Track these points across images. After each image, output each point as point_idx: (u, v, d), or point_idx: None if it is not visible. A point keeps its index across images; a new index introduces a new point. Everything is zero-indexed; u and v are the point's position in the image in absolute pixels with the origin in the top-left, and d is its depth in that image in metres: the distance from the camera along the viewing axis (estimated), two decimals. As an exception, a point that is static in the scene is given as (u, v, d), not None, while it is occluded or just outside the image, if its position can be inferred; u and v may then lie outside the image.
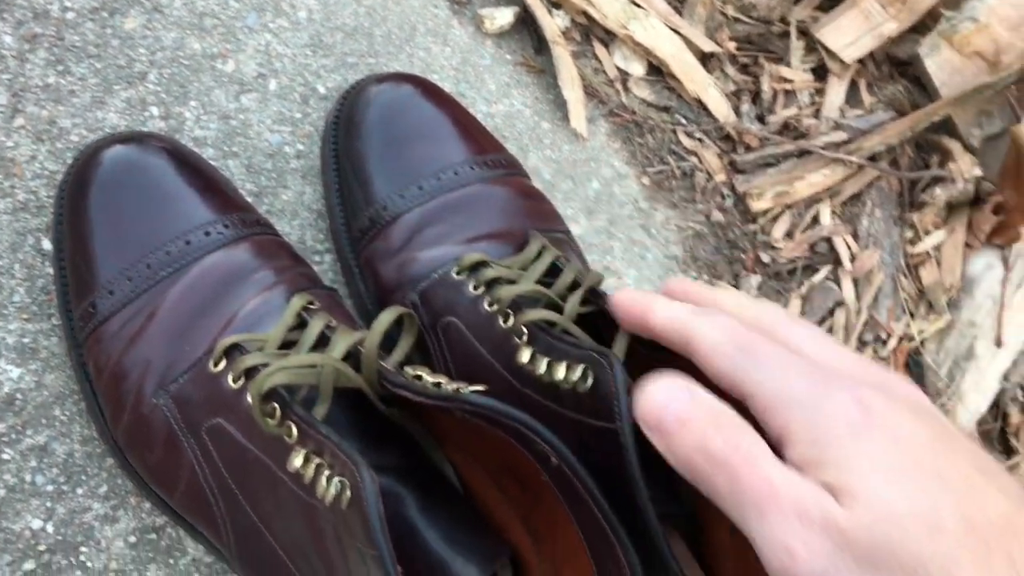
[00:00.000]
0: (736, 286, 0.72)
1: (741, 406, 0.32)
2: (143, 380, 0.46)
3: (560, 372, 0.44)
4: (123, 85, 0.58)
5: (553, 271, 0.51)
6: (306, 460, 0.39)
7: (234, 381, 0.44)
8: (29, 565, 0.48)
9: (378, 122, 0.57)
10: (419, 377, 0.42)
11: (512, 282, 0.50)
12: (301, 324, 0.46)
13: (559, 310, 0.48)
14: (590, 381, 0.42)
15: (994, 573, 0.26)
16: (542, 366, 0.45)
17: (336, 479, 0.37)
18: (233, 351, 0.45)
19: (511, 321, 0.48)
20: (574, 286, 0.50)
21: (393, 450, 0.46)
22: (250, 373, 0.44)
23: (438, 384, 0.41)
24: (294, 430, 0.40)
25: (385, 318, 0.43)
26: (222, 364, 0.45)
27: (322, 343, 0.44)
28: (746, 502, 0.29)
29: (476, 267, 0.52)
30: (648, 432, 0.34)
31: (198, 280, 0.48)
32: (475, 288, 0.50)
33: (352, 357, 0.43)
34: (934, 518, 0.26)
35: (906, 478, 0.27)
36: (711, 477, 0.30)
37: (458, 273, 0.52)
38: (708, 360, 0.34)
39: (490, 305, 0.49)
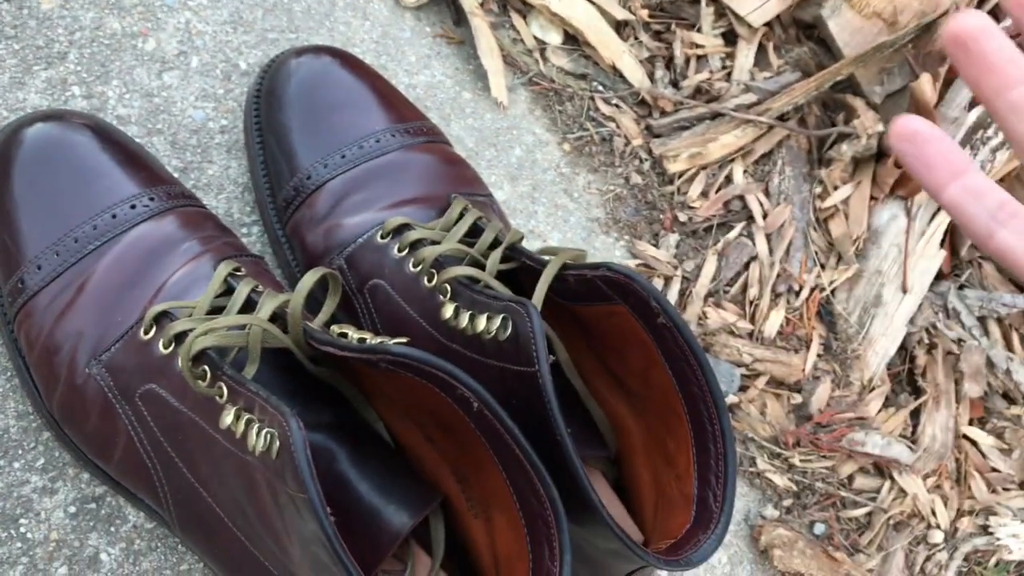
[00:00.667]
0: (656, 245, 0.75)
1: None
2: (75, 351, 0.47)
3: (481, 323, 0.46)
4: (42, 65, 0.59)
5: (475, 232, 0.54)
6: (237, 417, 0.41)
7: (164, 347, 0.45)
8: (-30, 538, 0.49)
9: (299, 94, 0.58)
10: (344, 335, 0.44)
11: (435, 243, 0.52)
12: (228, 291, 0.47)
13: (482, 268, 0.51)
14: (510, 329, 0.44)
15: None
16: (464, 319, 0.47)
17: (266, 431, 0.39)
18: (162, 318, 0.46)
19: (435, 280, 0.50)
20: (495, 244, 0.52)
21: (324, 408, 0.48)
22: (180, 338, 0.45)
23: (362, 339, 0.43)
24: (224, 389, 0.42)
25: (308, 279, 0.45)
26: (152, 331, 0.46)
27: (249, 307, 0.46)
28: None
29: (400, 230, 0.53)
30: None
31: (126, 252, 0.49)
32: (399, 251, 0.52)
33: (279, 319, 0.45)
34: None
35: None
36: None
37: (383, 237, 0.53)
38: None
39: (415, 266, 0.51)
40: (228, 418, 0.41)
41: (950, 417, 0.80)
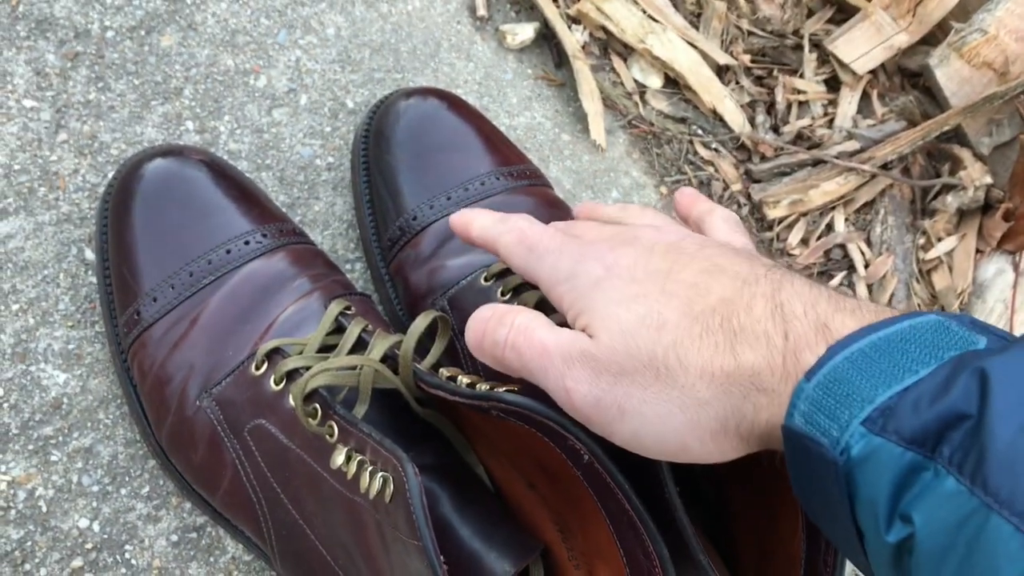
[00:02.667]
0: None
1: None
2: (186, 383, 0.48)
3: None
4: (160, 100, 0.60)
5: None
6: (348, 457, 0.41)
7: (276, 383, 0.46)
8: (77, 562, 0.50)
9: (407, 135, 0.59)
10: (453, 378, 0.44)
11: (536, 288, 0.52)
12: (339, 329, 0.48)
13: None
14: None
15: (712, 340, 0.31)
16: None
17: (380, 474, 0.39)
18: (274, 355, 0.47)
19: None
20: None
21: (428, 450, 0.48)
22: (291, 376, 0.45)
23: (472, 384, 0.43)
24: (335, 429, 0.42)
25: (420, 322, 0.45)
26: (264, 367, 0.47)
27: (360, 346, 0.46)
28: (532, 366, 0.36)
29: (503, 274, 0.53)
30: (474, 353, 0.39)
31: (239, 287, 0.49)
32: (503, 294, 0.52)
33: (389, 360, 0.45)
34: (657, 320, 0.32)
35: (635, 302, 0.33)
36: (506, 360, 0.37)
37: (486, 280, 0.53)
38: (508, 259, 0.41)
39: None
40: (339, 458, 0.41)
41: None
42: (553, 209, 0.60)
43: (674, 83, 0.77)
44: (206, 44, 0.63)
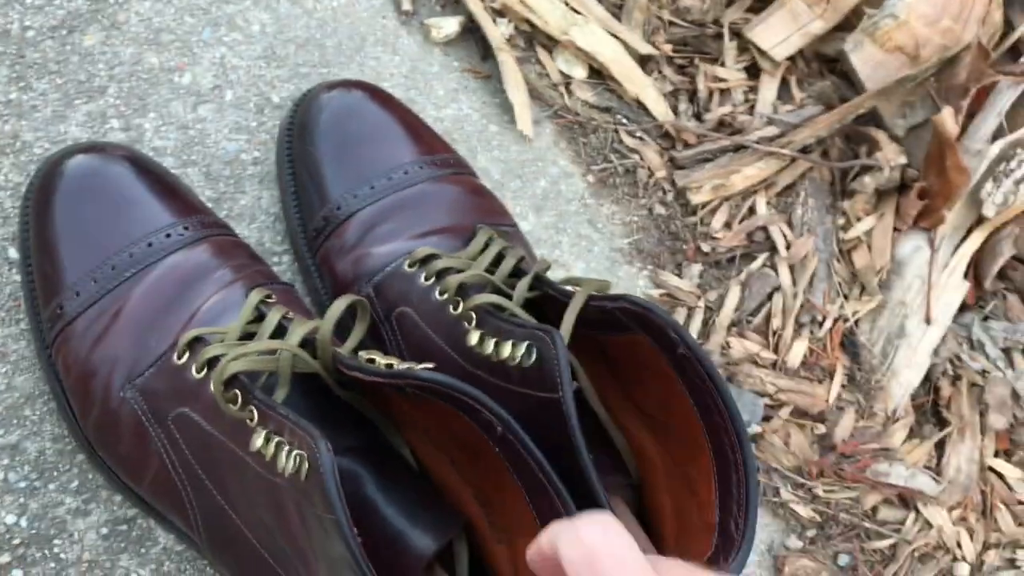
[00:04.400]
0: (679, 275, 0.76)
1: None
2: (111, 376, 0.49)
3: (506, 350, 0.47)
4: (83, 99, 0.61)
5: (500, 261, 0.55)
6: (267, 439, 0.42)
7: (197, 371, 0.46)
8: (4, 558, 0.51)
9: (330, 126, 0.60)
10: (372, 360, 0.45)
11: (461, 271, 0.53)
12: (259, 317, 0.49)
13: (507, 296, 0.52)
14: (534, 356, 0.45)
15: None
16: (489, 346, 0.48)
17: (295, 453, 0.40)
18: (196, 344, 0.47)
19: (460, 308, 0.51)
20: (518, 272, 0.53)
21: (351, 432, 0.49)
22: (212, 363, 0.46)
23: (390, 365, 0.44)
24: (255, 413, 0.43)
25: (338, 306, 0.46)
26: (185, 356, 0.47)
27: (279, 333, 0.47)
28: None
29: (427, 259, 0.55)
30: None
31: (161, 279, 0.50)
32: (426, 279, 0.53)
33: (309, 345, 0.46)
34: None
35: None
36: None
37: (410, 266, 0.55)
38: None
39: (441, 294, 0.52)
40: (258, 441, 0.42)
41: (975, 449, 0.79)
42: (477, 197, 0.61)
43: (598, 74, 0.79)
44: (130, 43, 0.64)
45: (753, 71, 0.83)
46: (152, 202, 0.53)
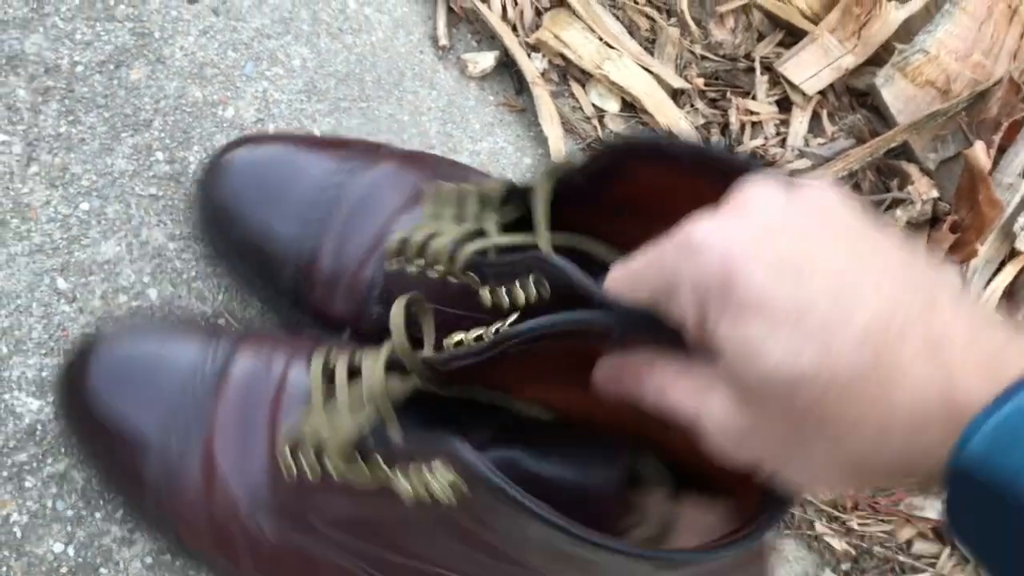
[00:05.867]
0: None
1: None
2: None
3: (520, 296, 0.45)
4: (130, 132, 0.62)
5: (462, 203, 0.52)
6: (411, 482, 0.40)
7: (313, 476, 0.45)
8: (53, 586, 0.51)
9: (243, 199, 0.58)
10: (460, 343, 0.44)
11: (432, 237, 0.51)
12: (331, 379, 0.47)
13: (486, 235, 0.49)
14: (546, 285, 0.43)
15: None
16: (503, 298, 0.46)
17: (440, 475, 0.37)
18: (295, 451, 0.46)
19: (456, 277, 0.49)
20: (486, 202, 0.51)
21: (478, 424, 0.46)
22: (319, 454, 0.45)
23: (479, 338, 0.42)
24: (382, 463, 0.41)
25: (397, 312, 0.43)
26: (294, 468, 0.46)
27: (355, 376, 0.45)
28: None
29: (400, 248, 0.52)
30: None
31: (226, 412, 0.50)
32: (414, 265, 0.52)
33: (391, 368, 0.44)
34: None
35: None
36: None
37: (394, 265, 0.53)
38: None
39: (434, 269, 0.50)
40: (404, 486, 0.40)
41: (1011, 484, 0.79)
42: (408, 162, 0.59)
43: (631, 107, 0.80)
44: (174, 77, 0.65)
45: (784, 105, 0.84)
46: (183, 353, 0.52)
